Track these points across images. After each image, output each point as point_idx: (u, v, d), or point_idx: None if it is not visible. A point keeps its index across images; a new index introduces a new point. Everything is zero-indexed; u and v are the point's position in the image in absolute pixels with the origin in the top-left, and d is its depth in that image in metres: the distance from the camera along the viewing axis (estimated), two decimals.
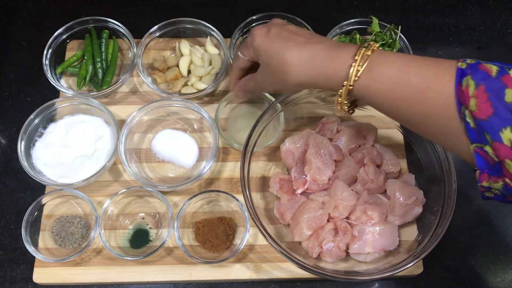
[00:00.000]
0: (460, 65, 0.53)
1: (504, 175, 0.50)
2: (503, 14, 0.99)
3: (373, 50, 0.57)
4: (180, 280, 0.76)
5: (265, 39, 0.63)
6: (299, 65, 0.60)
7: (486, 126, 0.50)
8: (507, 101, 0.48)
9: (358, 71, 0.56)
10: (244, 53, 0.68)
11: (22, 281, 0.76)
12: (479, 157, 0.52)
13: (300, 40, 0.61)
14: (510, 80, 0.49)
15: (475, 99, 0.50)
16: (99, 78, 0.87)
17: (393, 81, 0.55)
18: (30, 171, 0.76)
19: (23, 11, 0.98)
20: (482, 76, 0.51)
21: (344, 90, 0.58)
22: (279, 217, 0.76)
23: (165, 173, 0.82)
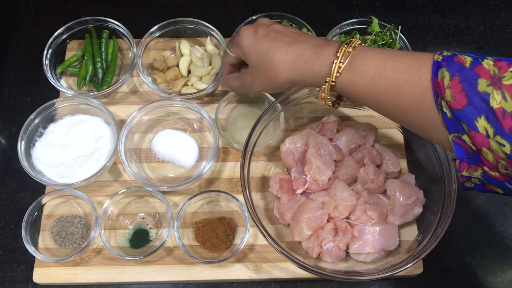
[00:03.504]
0: (436, 57, 0.54)
1: (483, 163, 0.52)
2: (503, 14, 0.99)
3: (355, 46, 0.60)
4: (180, 280, 0.76)
5: (253, 40, 0.65)
6: (287, 64, 0.62)
7: (462, 116, 0.51)
8: (480, 91, 0.50)
9: (340, 67, 0.59)
10: (232, 51, 0.70)
11: (22, 281, 0.76)
12: (458, 147, 0.53)
13: (287, 39, 0.63)
14: (482, 70, 0.51)
15: (450, 90, 0.51)
16: (99, 78, 0.87)
17: (372, 75, 0.57)
18: (30, 171, 0.76)
19: (23, 11, 0.98)
20: (457, 67, 0.52)
21: (326, 85, 0.60)
22: (279, 217, 0.76)
23: (165, 173, 0.82)
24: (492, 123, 0.49)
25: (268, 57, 0.63)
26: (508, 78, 0.48)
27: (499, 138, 0.48)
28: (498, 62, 0.51)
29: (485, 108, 0.49)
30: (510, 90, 0.48)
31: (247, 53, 0.66)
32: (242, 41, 0.66)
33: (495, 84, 0.49)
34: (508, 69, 0.49)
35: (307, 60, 0.61)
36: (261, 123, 0.75)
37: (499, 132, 0.48)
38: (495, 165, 0.51)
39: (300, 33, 0.66)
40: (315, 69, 0.61)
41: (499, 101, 0.48)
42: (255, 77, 0.67)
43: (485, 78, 0.50)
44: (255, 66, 0.66)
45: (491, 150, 0.50)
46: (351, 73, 0.59)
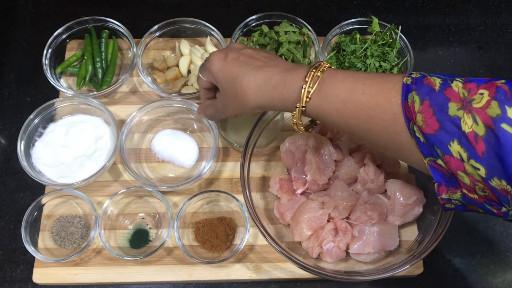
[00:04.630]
0: (405, 80, 0.54)
1: (461, 186, 0.51)
2: (504, 14, 0.99)
3: (324, 70, 0.58)
4: (180, 280, 0.75)
5: (223, 65, 0.64)
6: (256, 89, 0.61)
7: (434, 141, 0.50)
8: (451, 115, 0.49)
9: (309, 92, 0.58)
10: (203, 75, 0.68)
11: (22, 281, 0.76)
12: (435, 170, 0.53)
13: (256, 64, 0.62)
14: (452, 93, 0.50)
15: (421, 115, 0.51)
16: (98, 78, 0.87)
17: (342, 100, 0.56)
18: (30, 171, 0.76)
19: (23, 11, 0.98)
20: (427, 90, 0.52)
21: (297, 111, 0.59)
22: (279, 217, 0.76)
23: (165, 173, 0.82)
24: (465, 147, 0.48)
25: (237, 82, 0.62)
26: (477, 101, 0.48)
27: (473, 162, 0.48)
28: (467, 83, 0.50)
29: (457, 132, 0.49)
30: (480, 113, 0.47)
31: (217, 78, 0.65)
32: (212, 66, 0.65)
33: (465, 108, 0.48)
34: (477, 91, 0.49)
35: (275, 85, 0.60)
36: (261, 123, 0.75)
37: (472, 156, 0.48)
38: (473, 187, 0.50)
39: (270, 57, 0.64)
40: (284, 94, 0.59)
41: (470, 124, 0.48)
42: (226, 102, 0.66)
43: (455, 101, 0.49)
44: (225, 91, 0.65)
45: (467, 173, 0.49)
46: (320, 97, 0.58)
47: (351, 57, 0.85)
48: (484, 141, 0.47)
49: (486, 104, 0.47)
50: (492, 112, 0.47)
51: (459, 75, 0.53)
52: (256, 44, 0.86)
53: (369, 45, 0.85)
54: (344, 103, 0.57)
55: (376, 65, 0.84)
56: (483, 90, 0.49)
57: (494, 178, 0.47)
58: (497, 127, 0.46)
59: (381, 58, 0.85)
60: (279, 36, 0.86)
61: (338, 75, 0.58)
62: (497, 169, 0.47)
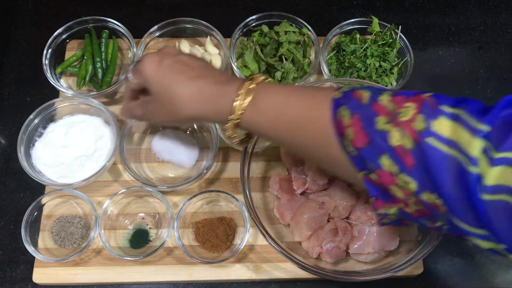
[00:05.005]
0: (334, 95, 0.54)
1: (396, 201, 0.51)
2: (504, 14, 0.99)
3: (258, 83, 0.58)
4: (180, 280, 0.75)
5: (157, 70, 0.61)
6: (189, 100, 0.59)
7: (366, 155, 0.50)
8: (379, 129, 0.49)
9: (242, 105, 0.57)
10: (134, 77, 0.66)
11: (22, 281, 0.76)
12: (370, 185, 0.52)
13: (191, 73, 0.60)
14: (379, 107, 0.50)
15: (351, 128, 0.51)
16: (98, 78, 0.87)
17: (275, 113, 0.56)
18: (30, 171, 0.76)
19: (23, 11, 0.98)
20: (355, 104, 0.52)
21: (231, 124, 0.59)
22: (279, 217, 0.76)
23: (165, 173, 0.82)
24: (394, 161, 0.48)
25: (170, 91, 0.60)
26: (404, 115, 0.48)
27: (403, 176, 0.48)
28: (395, 97, 0.50)
29: (386, 146, 0.48)
30: (407, 126, 0.47)
31: (149, 83, 0.62)
32: (145, 69, 0.62)
33: (392, 121, 0.48)
34: (403, 104, 0.49)
35: (210, 97, 0.59)
36: None
37: (403, 170, 0.48)
38: (407, 202, 0.50)
39: (206, 67, 0.63)
40: (218, 106, 0.59)
41: (398, 138, 0.47)
42: (157, 108, 0.63)
43: (383, 115, 0.49)
44: (157, 97, 0.62)
45: (400, 187, 0.49)
46: (254, 110, 0.57)
47: (351, 57, 0.85)
48: (413, 155, 0.47)
49: (412, 117, 0.47)
50: (418, 125, 0.47)
51: (389, 89, 0.53)
52: (256, 44, 0.86)
53: (369, 45, 0.85)
54: (276, 116, 0.56)
55: (376, 65, 0.84)
56: (410, 104, 0.48)
57: (425, 192, 0.47)
58: (423, 141, 0.46)
59: (381, 58, 0.85)
60: (279, 36, 0.86)
61: (272, 88, 0.58)
62: (427, 182, 0.46)
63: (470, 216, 0.44)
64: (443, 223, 0.49)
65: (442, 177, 0.45)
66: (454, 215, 0.46)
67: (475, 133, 0.43)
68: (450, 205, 0.46)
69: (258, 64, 0.85)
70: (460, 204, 0.45)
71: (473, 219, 0.44)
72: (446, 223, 0.49)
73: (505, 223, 0.42)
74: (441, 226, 0.50)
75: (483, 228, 0.44)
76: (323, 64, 0.84)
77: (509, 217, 0.41)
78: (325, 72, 0.84)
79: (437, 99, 0.48)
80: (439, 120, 0.46)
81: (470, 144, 0.43)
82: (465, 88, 0.92)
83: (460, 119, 0.45)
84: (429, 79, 0.92)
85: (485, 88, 0.92)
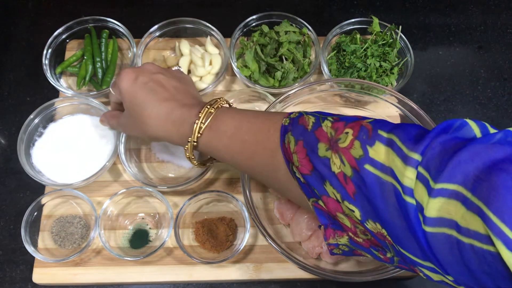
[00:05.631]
0: (284, 121, 0.54)
1: (345, 229, 0.50)
2: (504, 14, 0.99)
3: (218, 107, 0.61)
4: (180, 280, 0.75)
5: (131, 86, 0.63)
6: (157, 121, 0.61)
7: (311, 181, 0.50)
8: (321, 156, 0.49)
9: (201, 128, 0.59)
10: (113, 90, 0.69)
11: (22, 282, 0.76)
12: (319, 212, 0.51)
13: (163, 95, 0.62)
14: (321, 133, 0.50)
15: (296, 155, 0.51)
16: (98, 78, 0.87)
17: (229, 136, 0.58)
18: (30, 171, 0.76)
19: (22, 11, 0.98)
20: (300, 130, 0.52)
21: (189, 145, 0.60)
22: (279, 217, 0.76)
23: (165, 173, 0.82)
24: (337, 188, 0.47)
25: (140, 109, 0.62)
26: (343, 141, 0.47)
27: (347, 204, 0.47)
28: (336, 123, 0.50)
29: (328, 173, 0.48)
30: (346, 153, 0.46)
31: (123, 98, 0.65)
32: (121, 84, 0.64)
33: (332, 148, 0.48)
34: (343, 130, 0.48)
35: (175, 120, 0.61)
36: None
37: (345, 198, 0.47)
38: (354, 230, 0.49)
39: (179, 89, 0.65)
40: (181, 129, 0.61)
41: (338, 165, 0.47)
42: (128, 122, 0.66)
43: (323, 141, 0.49)
44: (129, 112, 0.65)
45: (346, 215, 0.48)
46: (211, 133, 0.59)
47: (351, 57, 0.84)
48: (353, 182, 0.46)
49: (350, 144, 0.46)
50: (356, 153, 0.46)
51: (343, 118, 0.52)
52: (256, 44, 0.86)
53: (369, 45, 0.85)
54: (230, 139, 0.58)
55: (377, 65, 0.84)
56: (348, 129, 0.48)
57: (369, 220, 0.46)
58: (361, 168, 0.45)
59: (381, 58, 0.85)
60: (279, 36, 0.86)
61: (230, 112, 0.60)
62: (369, 211, 0.45)
63: (414, 247, 0.43)
64: (393, 255, 0.48)
65: (381, 205, 0.44)
66: (399, 245, 0.44)
67: (407, 162, 0.41)
68: (393, 235, 0.44)
69: (258, 64, 0.85)
70: (404, 234, 0.43)
71: (417, 250, 0.43)
72: (395, 254, 0.47)
73: (449, 256, 0.39)
74: (392, 258, 0.48)
75: (429, 261, 0.42)
76: (323, 64, 0.84)
77: (452, 250, 0.39)
78: (325, 72, 0.84)
79: (375, 124, 0.47)
80: (376, 146, 0.45)
81: (404, 173, 0.41)
82: (465, 88, 0.92)
83: (394, 145, 0.44)
84: (429, 79, 0.92)
85: (485, 88, 0.92)
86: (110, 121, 0.73)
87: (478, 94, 0.91)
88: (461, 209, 0.38)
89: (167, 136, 0.62)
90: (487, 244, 0.36)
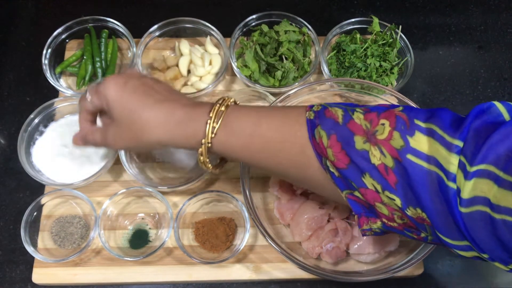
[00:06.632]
0: (308, 115, 0.53)
1: (380, 216, 0.51)
2: (504, 14, 0.99)
3: (228, 105, 0.57)
4: (180, 280, 0.75)
5: (121, 93, 0.58)
6: (157, 124, 0.56)
7: (348, 174, 0.50)
8: (358, 149, 0.49)
9: (214, 127, 0.55)
10: (93, 99, 0.61)
11: (21, 282, 0.76)
12: (353, 203, 0.52)
13: (158, 97, 0.58)
14: (355, 126, 0.50)
15: (331, 149, 0.50)
16: (98, 78, 0.87)
17: (248, 135, 0.55)
18: (30, 171, 0.76)
19: (22, 10, 0.98)
20: (331, 124, 0.51)
21: (203, 148, 0.56)
22: (279, 218, 0.76)
23: (165, 173, 0.82)
24: (377, 180, 0.48)
25: (137, 115, 0.56)
26: (380, 132, 0.48)
27: (388, 193, 0.48)
28: (368, 114, 0.50)
29: (368, 165, 0.48)
30: (385, 145, 0.47)
31: (112, 106, 0.58)
32: (108, 91, 0.58)
33: (370, 140, 0.48)
34: (378, 121, 0.48)
35: (179, 121, 0.56)
36: None
37: (386, 188, 0.47)
38: (392, 217, 0.50)
39: (171, 91, 0.60)
40: (188, 130, 0.56)
41: (378, 157, 0.47)
42: (119, 133, 0.59)
43: (360, 134, 0.49)
44: (121, 121, 0.58)
45: (384, 204, 0.49)
46: (226, 133, 0.55)
47: (351, 57, 0.84)
48: (395, 172, 0.47)
49: (389, 135, 0.47)
50: (396, 143, 0.46)
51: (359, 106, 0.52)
52: (256, 43, 0.86)
53: (369, 45, 0.85)
54: (250, 137, 0.55)
55: (377, 65, 0.84)
56: (384, 121, 0.48)
57: (410, 207, 0.47)
58: (403, 158, 0.46)
59: (381, 58, 0.85)
60: (279, 35, 0.86)
61: (242, 110, 0.57)
62: (411, 198, 0.46)
63: (451, 230, 0.45)
64: (427, 234, 0.49)
65: (424, 193, 0.45)
66: (436, 229, 0.47)
67: (451, 149, 0.44)
68: (432, 219, 0.46)
69: (258, 64, 0.85)
70: (442, 218, 0.45)
71: (455, 232, 0.45)
72: (431, 234, 0.49)
73: (484, 233, 0.42)
74: (426, 237, 0.50)
75: (465, 240, 0.45)
76: (323, 64, 0.84)
77: (486, 226, 0.42)
78: (325, 72, 0.84)
79: (409, 113, 0.48)
80: (416, 136, 0.46)
81: (449, 160, 0.43)
82: (465, 88, 0.92)
83: (435, 134, 0.45)
84: (429, 79, 0.92)
85: (485, 88, 0.92)
86: (90, 137, 0.64)
87: (478, 94, 0.91)
88: (493, 187, 0.40)
89: (172, 139, 0.57)
90: None
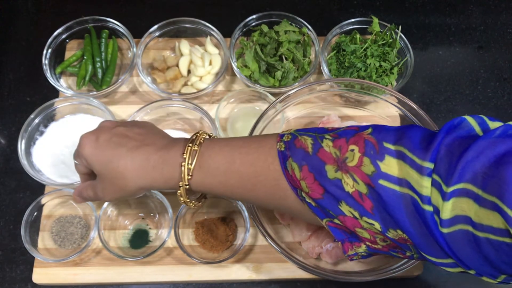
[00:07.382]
0: (279, 146, 0.53)
1: (363, 240, 0.51)
2: (504, 14, 0.99)
3: (200, 143, 0.57)
4: (180, 280, 0.75)
5: (95, 148, 0.59)
6: (134, 171, 0.57)
7: (324, 204, 0.50)
8: (331, 178, 0.48)
9: (190, 169, 0.55)
10: (77, 161, 0.63)
11: (22, 282, 0.76)
12: (335, 230, 0.52)
13: (131, 144, 0.58)
14: (325, 155, 0.49)
15: (304, 181, 0.50)
16: (98, 78, 0.87)
17: (223, 172, 0.55)
18: (30, 171, 0.76)
19: (22, 10, 0.98)
20: (301, 155, 0.51)
21: (182, 190, 0.57)
22: (279, 217, 0.76)
23: None
24: (354, 207, 0.48)
25: (112, 166, 0.57)
26: (351, 159, 0.47)
27: (366, 219, 0.48)
28: (336, 140, 0.49)
29: (342, 194, 0.48)
30: (357, 171, 0.47)
31: (90, 162, 0.59)
32: (83, 150, 0.59)
33: (342, 168, 0.48)
34: (348, 148, 0.48)
35: (155, 165, 0.56)
36: (261, 123, 0.75)
37: (364, 214, 0.47)
38: (374, 240, 0.50)
39: (146, 134, 0.60)
40: (165, 174, 0.56)
41: (351, 184, 0.47)
42: (104, 187, 0.60)
43: (330, 163, 0.49)
44: (102, 175, 0.59)
45: (365, 229, 0.49)
46: (202, 173, 0.56)
47: (351, 57, 0.84)
48: (370, 198, 0.46)
49: (359, 161, 0.47)
50: (367, 169, 0.46)
51: (326, 130, 0.52)
52: (256, 44, 0.86)
53: (369, 45, 0.85)
54: (225, 175, 0.55)
55: (377, 65, 0.84)
56: (353, 146, 0.48)
57: (390, 229, 0.47)
58: (376, 184, 0.46)
59: (381, 58, 0.85)
60: (279, 35, 0.86)
61: (215, 146, 0.57)
62: (389, 222, 0.46)
63: (434, 249, 0.45)
64: (412, 253, 0.49)
65: (401, 215, 0.45)
66: (420, 249, 0.47)
67: (422, 172, 0.43)
68: (414, 240, 0.46)
69: (258, 64, 0.85)
70: (423, 239, 0.45)
71: (438, 251, 0.45)
72: (415, 252, 0.49)
73: (468, 250, 0.42)
74: (412, 255, 0.50)
75: (450, 258, 0.45)
76: (323, 64, 0.84)
77: (469, 244, 0.42)
78: (325, 72, 0.84)
79: (378, 135, 0.48)
80: (386, 160, 0.46)
81: (421, 183, 0.43)
82: (465, 88, 0.92)
83: (405, 157, 0.45)
84: (429, 79, 0.92)
85: (485, 88, 0.92)
86: (85, 193, 0.65)
87: (478, 94, 0.91)
88: (474, 205, 0.40)
89: (152, 183, 0.57)
90: (502, 236, 0.38)
